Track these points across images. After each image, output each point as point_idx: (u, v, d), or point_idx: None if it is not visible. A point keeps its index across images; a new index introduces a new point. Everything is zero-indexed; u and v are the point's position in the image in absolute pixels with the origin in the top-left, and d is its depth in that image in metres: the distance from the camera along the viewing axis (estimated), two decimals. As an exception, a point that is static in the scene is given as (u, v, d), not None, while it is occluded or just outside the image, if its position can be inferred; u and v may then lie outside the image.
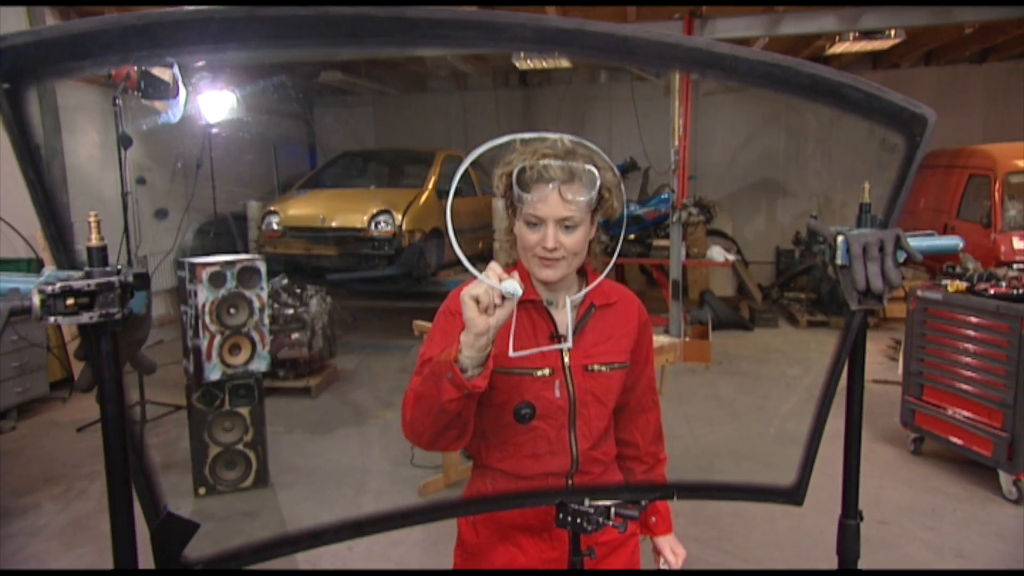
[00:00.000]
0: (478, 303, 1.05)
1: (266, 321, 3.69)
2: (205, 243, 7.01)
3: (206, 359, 3.49)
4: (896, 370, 5.34)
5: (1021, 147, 6.48)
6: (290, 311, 5.27)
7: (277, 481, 3.80)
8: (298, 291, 5.46)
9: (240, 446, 3.65)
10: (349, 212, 6.48)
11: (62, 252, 0.71)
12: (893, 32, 6.27)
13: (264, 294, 3.70)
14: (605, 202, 1.30)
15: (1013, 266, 4.04)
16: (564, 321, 1.38)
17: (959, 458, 3.89)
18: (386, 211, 6.40)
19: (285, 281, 5.48)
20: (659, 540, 1.58)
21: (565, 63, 7.80)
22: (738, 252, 8.59)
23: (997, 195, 6.23)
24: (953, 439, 3.78)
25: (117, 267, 0.72)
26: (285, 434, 4.53)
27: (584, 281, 1.42)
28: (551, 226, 1.25)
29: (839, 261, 1.06)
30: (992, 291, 3.63)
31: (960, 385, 3.73)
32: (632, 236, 7.38)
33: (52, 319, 0.67)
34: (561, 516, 1.12)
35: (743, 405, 5.13)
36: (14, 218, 5.05)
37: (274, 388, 5.15)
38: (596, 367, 1.38)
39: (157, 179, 6.88)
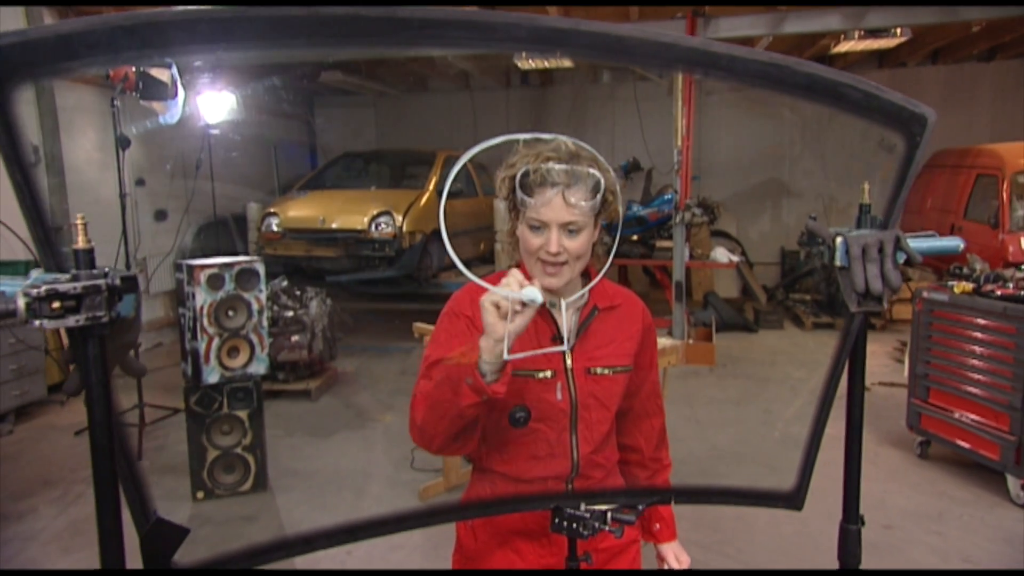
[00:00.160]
0: (498, 308, 1.06)
1: (265, 323, 3.70)
2: (205, 245, 7.03)
3: (204, 362, 3.49)
4: (902, 372, 5.32)
5: (1030, 146, 6.48)
6: (290, 313, 5.28)
7: (276, 485, 3.80)
8: (298, 293, 5.47)
9: (239, 449, 3.65)
10: (349, 213, 6.48)
11: (49, 255, 0.71)
12: (899, 30, 6.25)
13: (263, 296, 3.71)
14: (608, 205, 1.30)
15: (1021, 267, 4.02)
16: (566, 323, 1.38)
17: (966, 462, 3.87)
18: (387, 212, 6.41)
19: (285, 283, 5.49)
20: (663, 547, 1.57)
21: (567, 63, 7.80)
22: (742, 253, 8.56)
23: (1005, 195, 6.21)
24: (960, 442, 3.76)
25: (105, 270, 0.72)
26: (285, 437, 4.53)
27: (588, 283, 1.41)
28: (554, 230, 1.25)
29: (838, 262, 1.06)
30: (999, 292, 3.61)
31: (967, 388, 3.71)
32: (635, 237, 7.37)
33: (37, 322, 0.67)
34: (557, 521, 1.11)
35: (747, 408, 5.11)
36: (13, 220, 5.06)
37: (274, 391, 5.15)
38: (599, 370, 1.38)
39: (156, 180, 6.89)
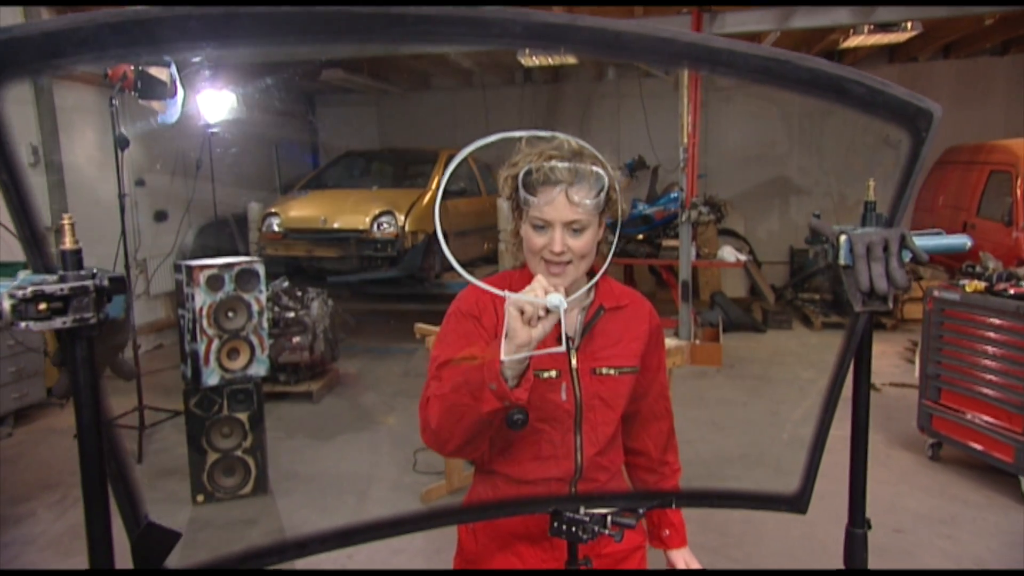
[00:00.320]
0: (522, 314, 1.07)
1: (265, 325, 3.70)
2: (205, 245, 7.05)
3: (204, 363, 3.50)
4: (913, 373, 5.29)
5: (1044, 142, 6.44)
6: (291, 314, 5.29)
7: (277, 488, 3.81)
8: (299, 294, 5.48)
9: (239, 452, 3.66)
10: (351, 213, 6.49)
11: (37, 256, 0.71)
12: (909, 24, 6.22)
13: (263, 297, 3.72)
14: (612, 203, 1.30)
15: (1034, 265, 4.00)
16: (572, 323, 1.38)
17: (979, 464, 3.85)
18: (389, 212, 6.42)
19: (286, 284, 5.50)
20: (673, 553, 1.57)
21: (571, 59, 7.79)
22: (750, 252, 8.54)
23: (1019, 192, 6.17)
24: (972, 444, 3.74)
25: (93, 270, 0.72)
26: (286, 440, 4.54)
27: (594, 284, 1.42)
28: (558, 229, 1.25)
29: (842, 261, 1.05)
30: (1012, 291, 3.59)
31: (980, 388, 3.69)
32: (641, 236, 7.35)
33: (23, 324, 0.67)
34: (556, 524, 1.11)
35: (755, 409, 5.10)
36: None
37: (275, 393, 5.17)
38: (604, 370, 1.38)
39: (156, 181, 6.91)
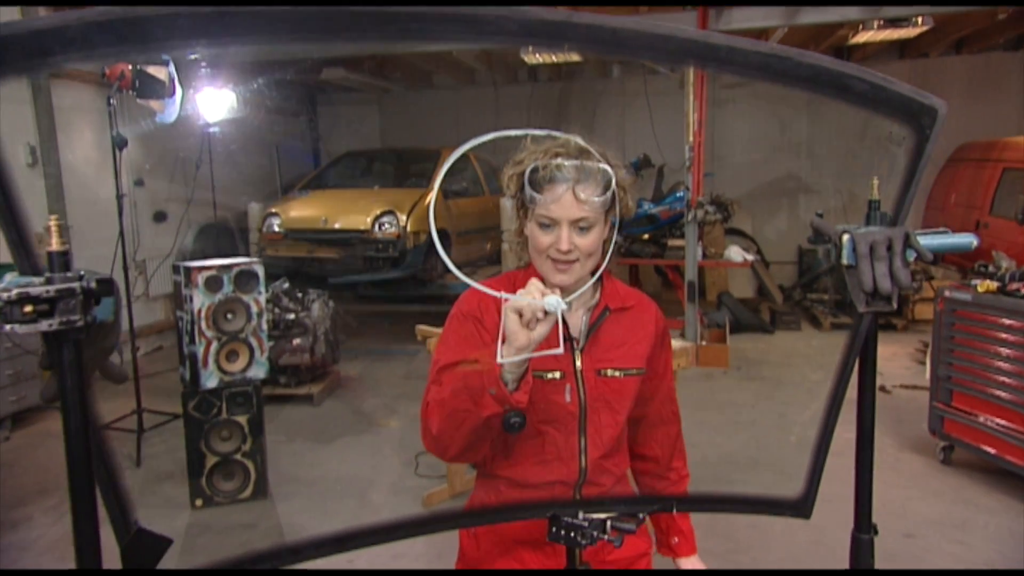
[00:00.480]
0: (520, 316, 1.06)
1: (264, 326, 3.71)
2: (205, 246, 7.07)
3: (202, 366, 3.51)
4: (924, 375, 5.27)
5: (1058, 139, 6.41)
6: (292, 316, 5.30)
7: (277, 492, 3.81)
8: (300, 295, 5.49)
9: (238, 456, 3.67)
10: (352, 213, 6.50)
11: (23, 257, 0.71)
12: (920, 20, 6.20)
13: (262, 298, 3.73)
14: (620, 201, 1.30)
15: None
16: (577, 324, 1.38)
17: (991, 468, 3.83)
18: (390, 212, 6.42)
19: (286, 285, 5.50)
20: (681, 562, 1.57)
21: (575, 57, 7.78)
22: (758, 252, 8.52)
23: (1032, 190, 6.15)
24: (985, 448, 3.72)
25: (80, 272, 0.72)
26: (286, 443, 4.55)
27: (599, 283, 1.41)
28: (565, 227, 1.25)
29: (845, 261, 1.04)
30: (1025, 291, 3.58)
31: (992, 391, 3.67)
32: (646, 236, 7.34)
33: (9, 327, 0.68)
34: (554, 530, 1.11)
35: (762, 412, 5.08)
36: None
37: (275, 395, 5.17)
38: (609, 372, 1.37)
39: (156, 181, 6.93)
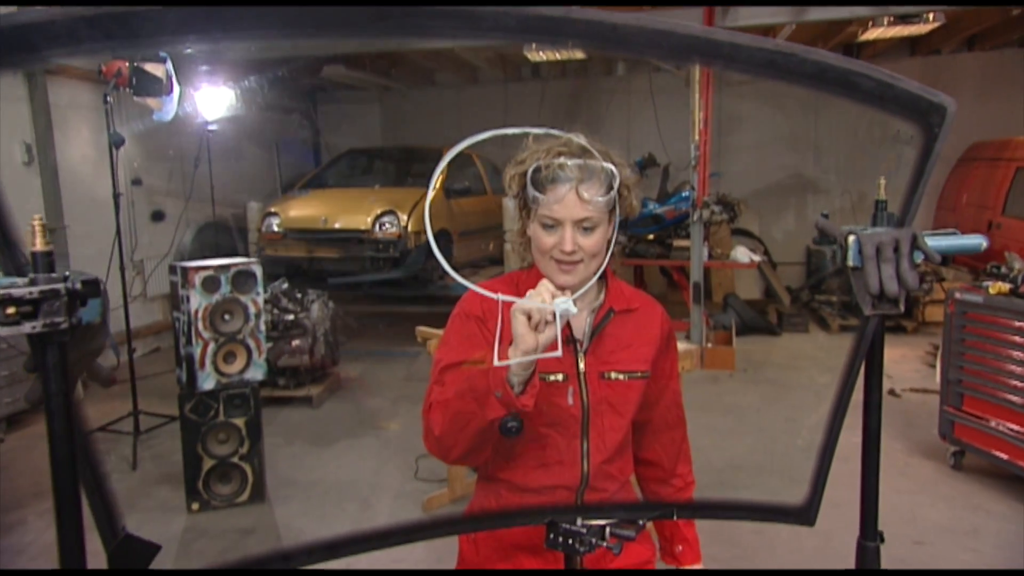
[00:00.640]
0: (529, 319, 1.06)
1: (262, 328, 3.71)
2: (204, 246, 7.08)
3: (199, 368, 3.51)
4: (934, 378, 5.24)
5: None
6: (291, 317, 5.30)
7: (275, 496, 3.81)
8: (299, 296, 5.49)
9: (235, 459, 3.67)
10: (352, 213, 6.50)
11: (7, 257, 0.71)
12: (931, 16, 6.16)
13: (260, 299, 3.73)
14: (624, 201, 1.30)
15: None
16: (580, 325, 1.37)
17: (1003, 473, 3.80)
18: (391, 212, 6.42)
19: (285, 285, 5.51)
20: (687, 570, 1.55)
21: (579, 54, 7.77)
22: (765, 253, 8.49)
23: (1045, 190, 6.12)
24: (997, 453, 3.70)
25: (65, 273, 0.72)
26: (285, 446, 4.55)
27: (604, 284, 1.40)
28: (568, 228, 1.24)
29: (851, 263, 1.03)
30: (1037, 293, 3.56)
31: (1004, 395, 3.65)
32: (651, 236, 7.33)
33: (-9, 329, 0.67)
34: (552, 536, 1.10)
35: (769, 416, 5.06)
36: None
37: (274, 398, 5.18)
38: (613, 375, 1.37)
39: (154, 180, 6.95)
